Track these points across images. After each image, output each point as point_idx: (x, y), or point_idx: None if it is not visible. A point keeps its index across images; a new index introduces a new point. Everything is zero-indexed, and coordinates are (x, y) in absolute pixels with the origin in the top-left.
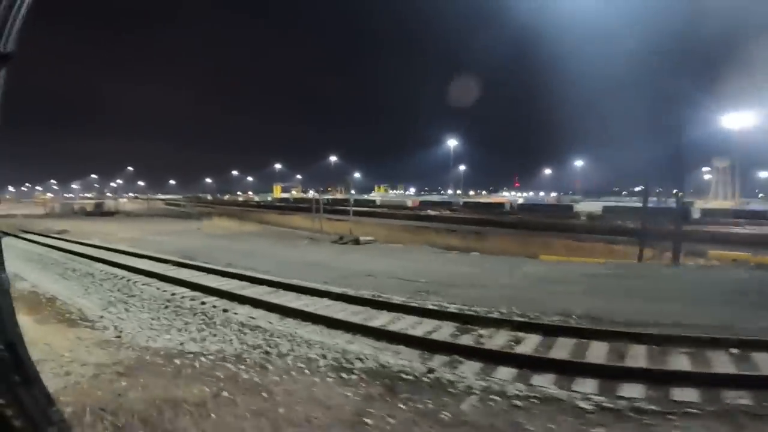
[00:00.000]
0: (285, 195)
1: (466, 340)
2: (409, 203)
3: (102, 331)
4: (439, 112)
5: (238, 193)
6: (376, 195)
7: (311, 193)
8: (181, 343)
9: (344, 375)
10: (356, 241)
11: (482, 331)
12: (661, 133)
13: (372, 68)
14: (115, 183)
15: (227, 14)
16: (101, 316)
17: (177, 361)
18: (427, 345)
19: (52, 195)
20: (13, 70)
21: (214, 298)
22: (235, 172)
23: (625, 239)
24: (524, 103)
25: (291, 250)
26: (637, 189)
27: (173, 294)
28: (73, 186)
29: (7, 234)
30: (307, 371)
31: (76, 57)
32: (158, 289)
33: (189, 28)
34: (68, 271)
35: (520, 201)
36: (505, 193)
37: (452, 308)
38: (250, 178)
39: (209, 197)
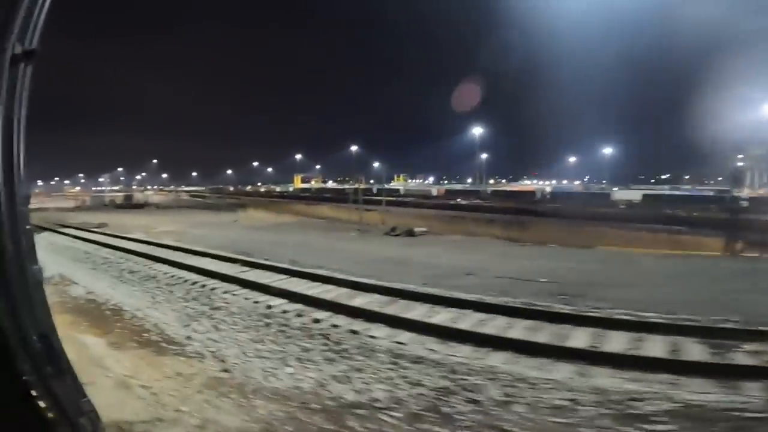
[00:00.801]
0: (305, 185)
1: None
2: (434, 192)
3: (199, 360)
4: (457, 102)
5: (258, 183)
6: (396, 184)
7: (330, 183)
8: (322, 384)
9: None
10: (410, 233)
11: (746, 347)
12: (687, 121)
13: (390, 59)
14: (140, 176)
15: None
16: (188, 337)
17: (351, 423)
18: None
19: (79, 188)
20: (38, 66)
21: (327, 313)
22: (255, 163)
23: (685, 229)
24: (543, 90)
25: (348, 243)
26: (663, 177)
27: (269, 307)
28: (100, 179)
29: (44, 229)
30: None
31: (104, 55)
32: (246, 299)
33: (208, 25)
34: (125, 273)
35: (548, 189)
36: (526, 181)
37: (652, 317)
38: (269, 169)
39: (231, 189)
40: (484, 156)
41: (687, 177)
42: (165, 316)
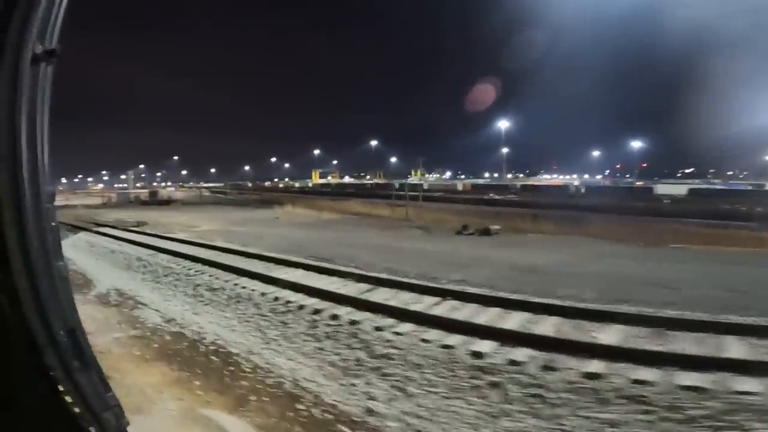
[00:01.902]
0: (322, 180)
1: None
2: (460, 187)
3: None
4: (473, 99)
5: (275, 179)
6: (413, 179)
7: (346, 178)
8: None
9: None
10: (486, 232)
11: None
12: (717, 116)
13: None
14: (161, 173)
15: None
16: (370, 411)
17: None
18: None
19: (102, 185)
20: (59, 65)
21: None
22: (273, 159)
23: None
24: (559, 85)
25: (425, 243)
26: (686, 171)
27: (477, 355)
28: (122, 176)
29: (79, 228)
30: None
31: (124, 55)
32: (426, 341)
33: (229, 24)
34: (202, 289)
35: (576, 183)
36: (545, 176)
37: None
38: (287, 165)
39: (249, 185)
40: (504, 150)
41: (712, 171)
42: (300, 366)
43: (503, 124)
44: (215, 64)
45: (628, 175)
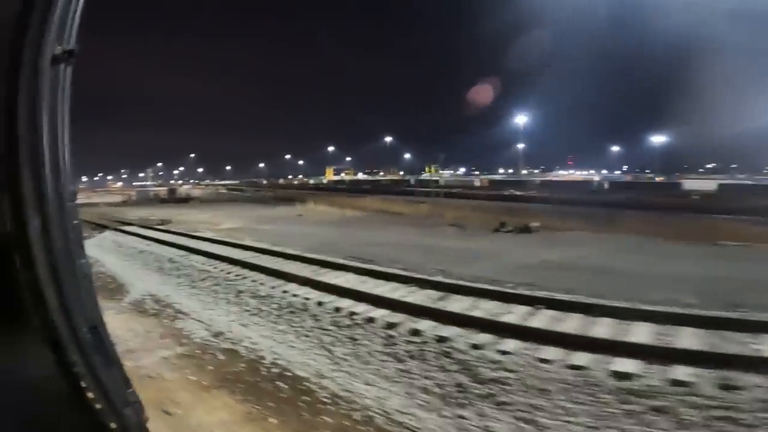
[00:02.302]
0: (336, 177)
1: None
2: (477, 183)
3: None
4: (498, 89)
5: (290, 176)
6: (427, 175)
7: (359, 175)
8: None
9: None
10: (525, 229)
11: None
12: (737, 111)
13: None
14: (178, 171)
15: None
16: None
17: None
18: None
19: (121, 183)
20: (78, 66)
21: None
22: (287, 156)
23: None
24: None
25: (468, 242)
26: (707, 166)
27: (623, 383)
28: (140, 174)
29: (104, 227)
30: None
31: (140, 54)
32: (546, 362)
33: (244, 23)
34: (246, 296)
35: (596, 179)
36: (561, 171)
37: None
38: (300, 162)
39: (264, 182)
40: (520, 146)
41: (734, 167)
42: (387, 394)
43: (521, 119)
44: (231, 64)
45: (647, 171)
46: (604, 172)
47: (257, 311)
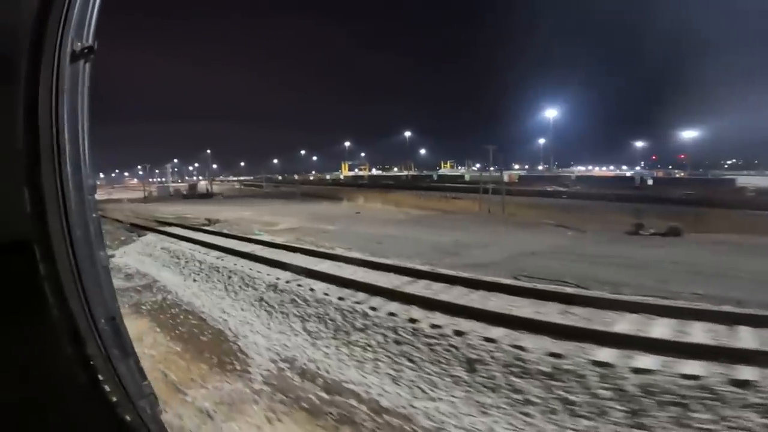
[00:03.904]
0: (350, 173)
1: None
2: (506, 178)
3: None
4: (508, 86)
5: (304, 172)
6: (443, 171)
7: (373, 171)
8: None
9: None
10: (674, 232)
11: None
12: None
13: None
14: (192, 167)
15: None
16: None
17: None
18: None
19: (137, 180)
20: (97, 62)
21: None
22: (303, 152)
23: None
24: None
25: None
26: (728, 162)
27: None
28: (156, 171)
29: (141, 227)
30: None
31: (165, 53)
32: None
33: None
34: (456, 366)
35: (629, 174)
36: (579, 167)
37: None
38: (314, 158)
39: (279, 177)
40: (541, 141)
41: (756, 162)
42: None
43: (551, 113)
44: (246, 58)
45: (670, 167)
46: (638, 168)
47: (522, 403)
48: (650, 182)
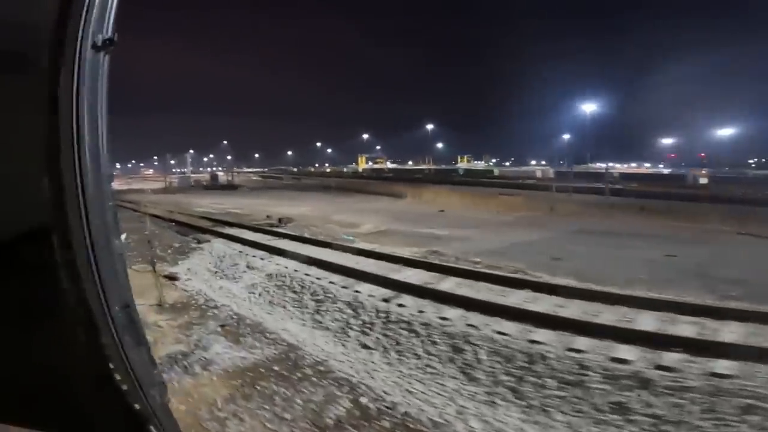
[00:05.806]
0: (367, 166)
1: None
2: (539, 174)
3: None
4: (528, 80)
5: (317, 164)
6: (461, 165)
7: (388, 164)
8: None
9: None
10: None
11: None
12: None
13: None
14: (207, 158)
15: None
16: None
17: None
18: None
19: (152, 170)
20: (115, 56)
21: None
22: (318, 144)
23: None
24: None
25: None
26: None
27: None
28: (172, 162)
29: (198, 230)
30: None
31: (181, 46)
32: None
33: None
34: None
35: (666, 171)
36: (601, 164)
37: None
38: (329, 150)
39: (294, 169)
40: (566, 137)
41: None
42: None
43: (588, 108)
44: (262, 50)
45: (683, 163)
46: (633, 165)
47: None
48: (701, 181)
